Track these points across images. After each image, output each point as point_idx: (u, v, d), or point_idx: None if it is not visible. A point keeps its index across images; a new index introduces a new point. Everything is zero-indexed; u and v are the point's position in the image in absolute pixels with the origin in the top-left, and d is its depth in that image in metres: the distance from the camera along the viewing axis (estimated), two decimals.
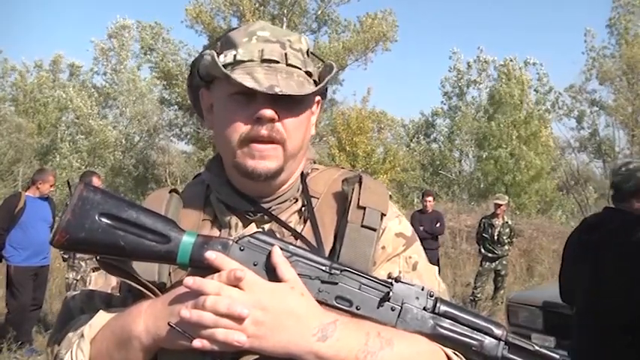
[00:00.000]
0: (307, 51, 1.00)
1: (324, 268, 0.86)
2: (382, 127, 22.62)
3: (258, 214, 1.01)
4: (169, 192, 1.04)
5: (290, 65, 0.94)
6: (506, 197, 9.38)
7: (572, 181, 23.50)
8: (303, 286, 0.84)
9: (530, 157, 20.21)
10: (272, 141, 0.94)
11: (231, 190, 1.01)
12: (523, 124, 20.89)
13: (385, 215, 0.98)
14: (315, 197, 1.03)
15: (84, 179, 5.59)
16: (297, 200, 1.03)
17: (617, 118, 21.95)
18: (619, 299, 2.49)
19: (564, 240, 2.99)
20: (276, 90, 0.89)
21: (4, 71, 25.13)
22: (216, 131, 1.00)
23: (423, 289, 0.88)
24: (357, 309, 0.85)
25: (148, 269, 0.92)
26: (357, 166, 16.39)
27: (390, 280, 0.87)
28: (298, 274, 0.84)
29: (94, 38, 25.33)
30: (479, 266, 8.40)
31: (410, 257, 1.00)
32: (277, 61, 0.93)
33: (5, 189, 17.59)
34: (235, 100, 0.94)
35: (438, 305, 0.87)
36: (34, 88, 24.29)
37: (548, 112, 23.42)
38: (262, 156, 0.94)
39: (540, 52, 56.55)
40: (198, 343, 0.79)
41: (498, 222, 8.12)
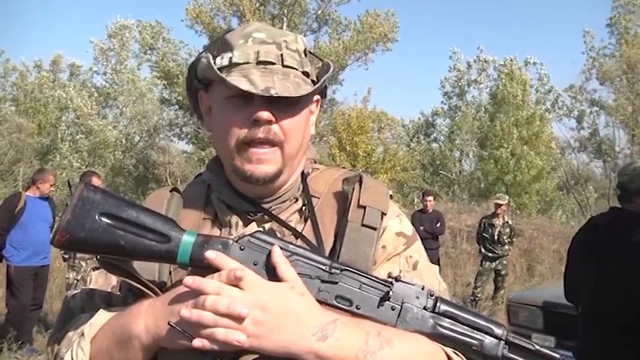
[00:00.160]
0: (304, 51, 1.00)
1: (324, 267, 0.86)
2: (382, 126, 22.62)
3: (259, 214, 1.01)
4: (170, 191, 1.04)
5: (286, 66, 0.94)
6: (507, 197, 9.38)
7: (572, 181, 23.49)
8: (303, 286, 0.84)
9: (531, 157, 20.19)
10: (270, 143, 0.94)
11: (231, 191, 1.02)
12: (525, 124, 20.87)
13: (385, 214, 0.98)
14: (315, 197, 1.03)
15: (84, 179, 5.60)
16: (297, 200, 1.03)
17: (618, 117, 21.92)
18: (619, 299, 2.49)
19: (564, 240, 3.00)
20: (272, 92, 0.89)
21: (6, 71, 25.13)
22: (215, 134, 1.00)
23: (423, 289, 0.88)
24: (357, 308, 0.85)
25: (148, 268, 0.93)
26: (358, 165, 16.38)
27: (390, 279, 0.87)
28: (298, 274, 0.84)
29: (93, 38, 25.33)
30: (479, 266, 8.40)
31: (410, 256, 1.00)
32: (273, 63, 0.93)
33: (5, 189, 17.56)
34: (232, 102, 0.94)
35: (438, 304, 0.87)
36: (35, 88, 24.26)
37: (548, 112, 23.40)
38: (260, 160, 0.94)
39: (540, 52, 56.60)
40: (198, 343, 0.79)
41: (498, 222, 8.12)
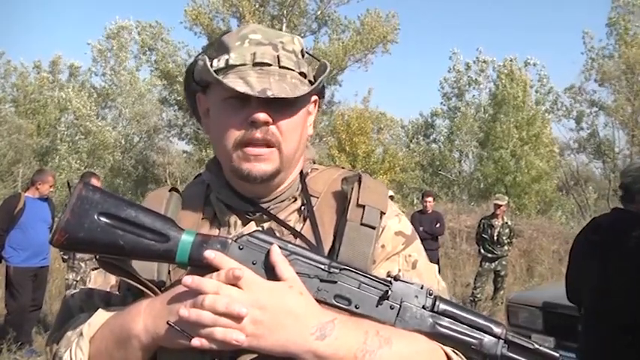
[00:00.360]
0: (301, 51, 1.00)
1: (323, 266, 0.86)
2: (382, 127, 22.63)
3: (257, 213, 1.01)
4: (169, 191, 1.05)
5: (283, 67, 0.94)
6: (506, 198, 9.39)
7: (571, 182, 23.49)
8: (301, 285, 0.84)
9: (531, 158, 20.19)
10: (267, 144, 0.94)
11: (230, 191, 1.02)
12: (526, 125, 20.86)
13: (384, 214, 0.98)
14: (314, 196, 1.03)
15: (83, 179, 5.59)
16: (296, 199, 1.03)
17: (617, 118, 21.93)
18: (619, 299, 2.49)
19: (564, 240, 3.01)
20: (269, 93, 0.89)
21: (7, 72, 25.13)
22: (213, 136, 1.00)
23: (422, 288, 0.88)
24: (356, 307, 0.85)
25: (147, 268, 0.92)
26: (357, 166, 16.40)
27: (389, 278, 0.87)
28: (297, 273, 0.85)
29: (90, 40, 25.36)
30: (478, 267, 8.40)
31: (409, 256, 1.00)
32: (270, 64, 0.93)
33: (5, 190, 17.54)
34: (229, 104, 0.94)
35: (437, 304, 0.87)
36: (35, 89, 24.25)
37: (548, 113, 23.41)
38: (258, 158, 0.94)
39: (540, 52, 56.66)
40: (196, 342, 0.79)
41: (498, 222, 8.13)
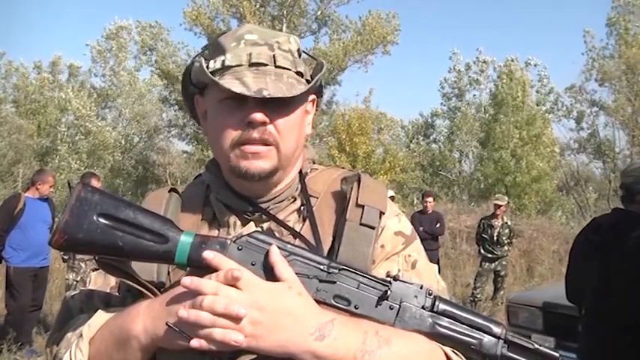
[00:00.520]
0: (298, 51, 1.00)
1: (322, 267, 0.86)
2: (382, 127, 22.62)
3: (257, 214, 1.01)
4: (169, 191, 1.04)
5: (279, 67, 0.94)
6: (506, 198, 9.39)
7: (572, 182, 23.47)
8: (300, 286, 0.84)
9: (531, 158, 20.18)
10: (265, 143, 0.94)
11: (229, 192, 1.02)
12: (526, 126, 20.86)
13: (384, 214, 0.98)
14: (314, 196, 1.03)
15: (83, 180, 5.59)
16: (295, 199, 1.03)
17: (617, 118, 21.91)
18: (619, 299, 2.49)
19: (564, 240, 3.00)
20: (265, 93, 0.89)
21: (8, 73, 25.12)
22: (211, 137, 1.00)
23: (421, 288, 0.87)
24: (356, 308, 0.85)
25: (147, 269, 0.92)
26: (357, 166, 16.39)
27: (388, 278, 0.87)
28: (296, 273, 0.84)
29: (89, 41, 25.35)
30: (478, 267, 8.40)
31: (409, 256, 1.00)
32: (266, 64, 0.93)
33: (5, 190, 17.54)
34: (226, 105, 0.94)
35: (436, 304, 0.87)
36: (35, 89, 24.26)
37: (548, 113, 23.40)
38: (255, 156, 0.94)
39: (540, 52, 56.60)
40: (195, 343, 0.79)
41: (498, 223, 8.12)
